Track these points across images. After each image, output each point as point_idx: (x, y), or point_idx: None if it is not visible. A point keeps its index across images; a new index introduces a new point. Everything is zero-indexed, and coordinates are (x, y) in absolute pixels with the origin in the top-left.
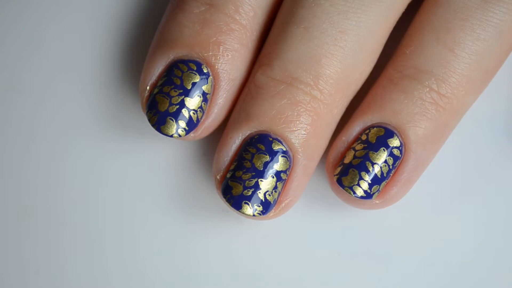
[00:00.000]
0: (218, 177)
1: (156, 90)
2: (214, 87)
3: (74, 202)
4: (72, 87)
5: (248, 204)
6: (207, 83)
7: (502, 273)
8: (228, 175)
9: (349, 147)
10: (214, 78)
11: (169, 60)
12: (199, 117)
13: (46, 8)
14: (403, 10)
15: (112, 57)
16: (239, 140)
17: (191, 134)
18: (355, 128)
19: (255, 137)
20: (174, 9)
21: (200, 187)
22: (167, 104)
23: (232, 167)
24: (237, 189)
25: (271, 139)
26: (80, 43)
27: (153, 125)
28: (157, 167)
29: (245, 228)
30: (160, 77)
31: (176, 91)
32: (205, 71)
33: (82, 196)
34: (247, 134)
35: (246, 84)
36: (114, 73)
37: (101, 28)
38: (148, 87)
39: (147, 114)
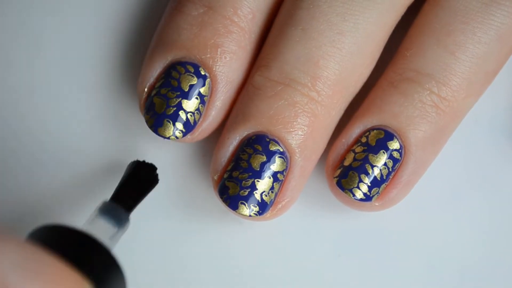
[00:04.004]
0: (215, 177)
1: (153, 92)
2: (211, 89)
3: (74, 202)
4: (71, 89)
5: (245, 205)
6: (205, 85)
7: (503, 274)
8: (225, 176)
9: (349, 149)
10: (211, 80)
11: (167, 62)
12: (197, 119)
13: (45, 10)
14: (403, 12)
15: (111, 58)
16: (237, 140)
17: (188, 136)
18: (354, 130)
19: (252, 137)
20: (173, 11)
21: (200, 188)
22: (165, 106)
23: (229, 168)
24: (234, 189)
25: (268, 139)
26: (79, 45)
27: (150, 127)
28: (157, 168)
29: (245, 229)
30: (158, 79)
31: (173, 93)
32: (202, 73)
33: (82, 197)
34: (244, 134)
35: (244, 86)
36: (113, 75)
37: (100, 29)
38: (146, 89)
39: (144, 115)
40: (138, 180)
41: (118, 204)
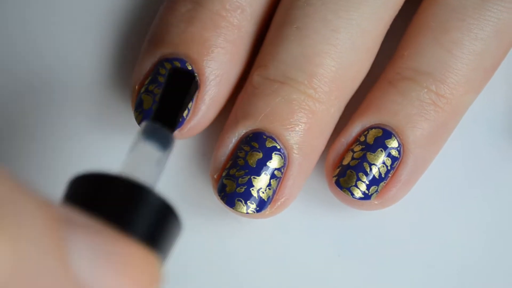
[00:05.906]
0: (215, 176)
1: (142, 89)
2: (199, 84)
3: None
4: (70, 88)
5: (241, 202)
6: None
7: (503, 275)
8: (224, 174)
9: (348, 148)
10: (199, 75)
11: (155, 59)
12: (185, 115)
13: (44, 9)
14: (398, 8)
15: (110, 57)
16: (236, 139)
17: (176, 132)
18: (354, 130)
19: (250, 135)
20: (164, 9)
21: (200, 187)
22: (151, 102)
23: (227, 166)
24: (231, 187)
25: (265, 137)
26: (78, 44)
27: (138, 124)
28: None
29: (244, 229)
30: (147, 76)
31: (159, 89)
32: (189, 68)
33: None
34: (242, 133)
35: (244, 86)
36: (113, 74)
37: (98, 28)
38: (136, 87)
39: (134, 113)
40: (176, 91)
41: (160, 123)
